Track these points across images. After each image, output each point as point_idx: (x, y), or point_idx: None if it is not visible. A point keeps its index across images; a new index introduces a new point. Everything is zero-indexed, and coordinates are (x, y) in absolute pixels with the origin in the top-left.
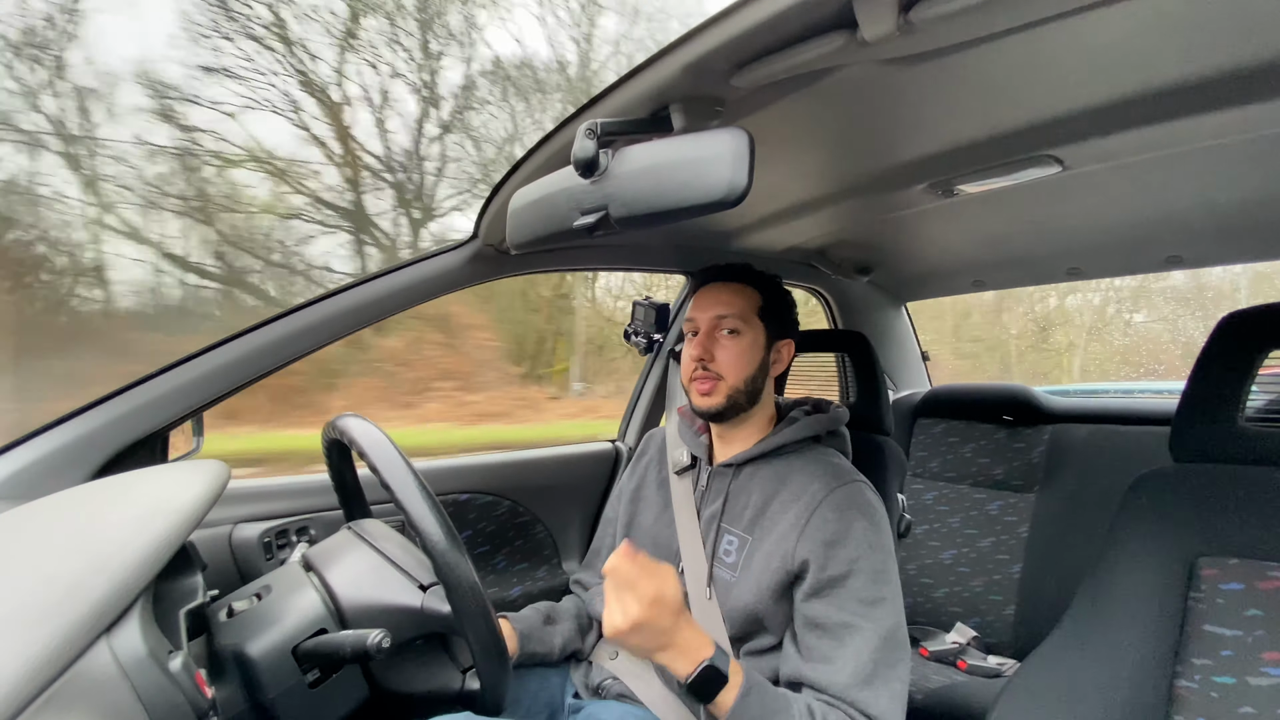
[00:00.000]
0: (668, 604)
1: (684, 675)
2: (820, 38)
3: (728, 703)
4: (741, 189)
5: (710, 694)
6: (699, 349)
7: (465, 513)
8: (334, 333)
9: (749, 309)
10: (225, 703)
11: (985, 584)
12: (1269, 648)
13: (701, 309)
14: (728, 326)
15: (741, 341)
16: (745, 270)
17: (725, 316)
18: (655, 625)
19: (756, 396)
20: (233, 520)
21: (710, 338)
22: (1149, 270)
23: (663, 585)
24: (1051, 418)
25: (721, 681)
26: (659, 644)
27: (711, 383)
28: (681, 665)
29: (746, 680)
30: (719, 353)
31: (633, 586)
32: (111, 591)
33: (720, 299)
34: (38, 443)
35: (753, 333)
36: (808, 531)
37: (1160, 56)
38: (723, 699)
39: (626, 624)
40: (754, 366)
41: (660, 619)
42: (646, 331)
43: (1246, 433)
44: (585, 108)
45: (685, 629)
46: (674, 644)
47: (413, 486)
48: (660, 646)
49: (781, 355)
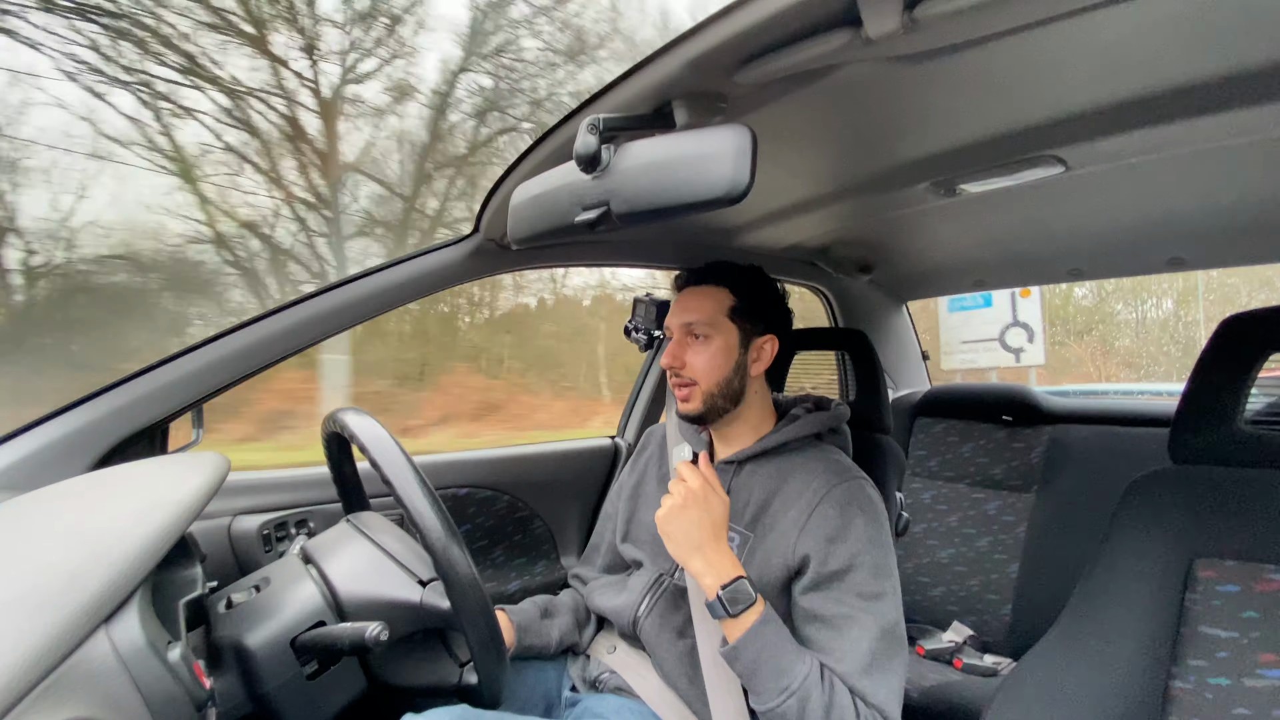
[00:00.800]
0: (717, 507)
1: (715, 585)
2: (824, 35)
3: (745, 625)
4: (743, 186)
5: (734, 610)
6: (669, 357)
7: (464, 507)
8: (335, 326)
9: (717, 311)
10: (223, 693)
11: (982, 583)
12: (1265, 649)
13: (674, 315)
14: (696, 331)
15: (711, 345)
16: (716, 271)
17: (693, 322)
18: (703, 515)
19: (738, 397)
20: (232, 512)
21: (680, 344)
22: (1151, 271)
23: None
24: (1051, 418)
25: (749, 600)
26: (699, 539)
27: (687, 388)
28: (712, 576)
29: (767, 611)
30: (689, 358)
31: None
32: (111, 582)
33: (688, 305)
34: (38, 433)
35: (723, 335)
36: (808, 527)
37: (1164, 57)
38: (742, 620)
39: (681, 497)
40: (727, 369)
41: (710, 511)
42: (647, 327)
43: (1245, 435)
44: (588, 103)
45: (723, 545)
46: (712, 548)
47: (413, 482)
48: (698, 544)
49: (763, 352)
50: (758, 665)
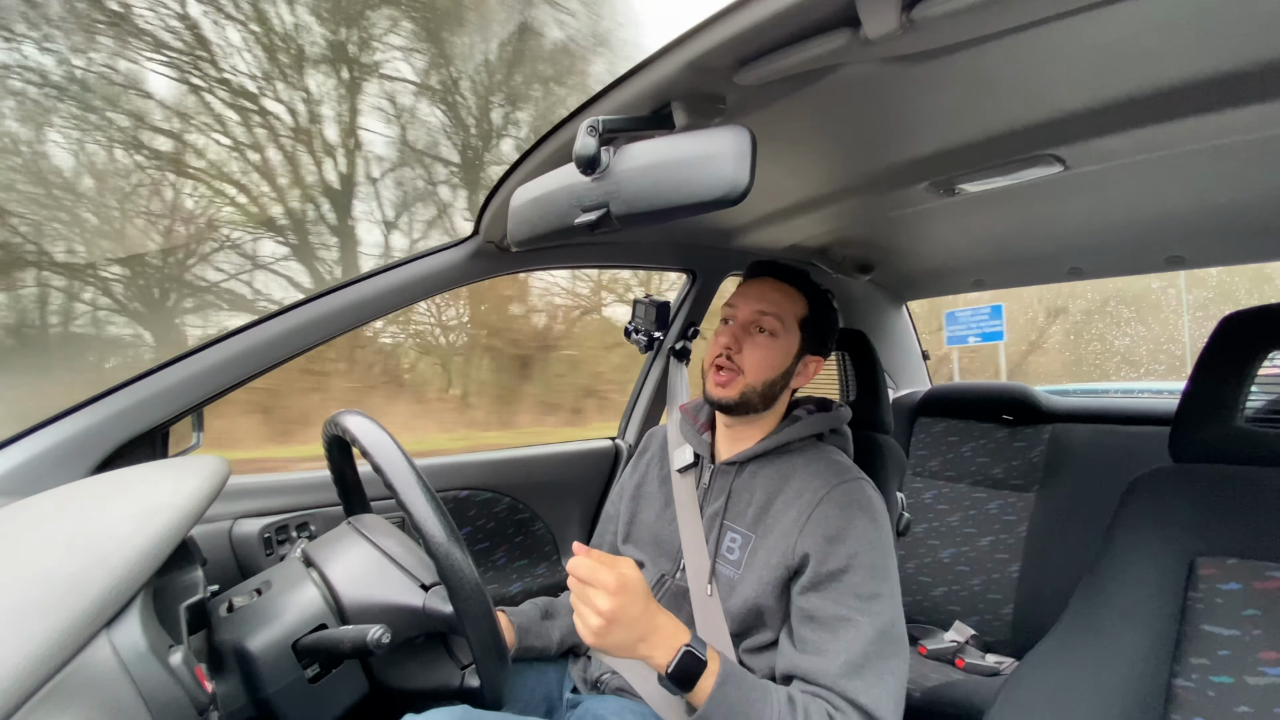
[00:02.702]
0: (632, 589)
1: (664, 664)
2: (823, 36)
3: (706, 690)
4: (743, 187)
5: (690, 681)
6: (730, 338)
7: (465, 509)
8: (334, 329)
9: (791, 314)
10: (225, 697)
11: (984, 583)
12: (1266, 647)
13: (745, 299)
14: (765, 325)
15: (774, 344)
16: (800, 275)
17: (766, 314)
18: (627, 614)
19: (771, 401)
20: (233, 515)
21: (744, 330)
22: (1150, 270)
23: (624, 573)
24: (1051, 417)
25: (700, 667)
26: (637, 634)
27: (731, 375)
28: (660, 654)
29: (724, 668)
30: (748, 347)
31: (595, 580)
32: (112, 586)
33: (766, 295)
34: (38, 438)
35: (788, 338)
36: (808, 527)
37: (1162, 56)
38: (701, 686)
39: (599, 620)
40: (778, 372)
41: (630, 606)
42: (647, 329)
43: (1246, 433)
44: (587, 105)
45: (658, 615)
46: (651, 632)
47: (415, 485)
48: (639, 637)
49: (808, 369)
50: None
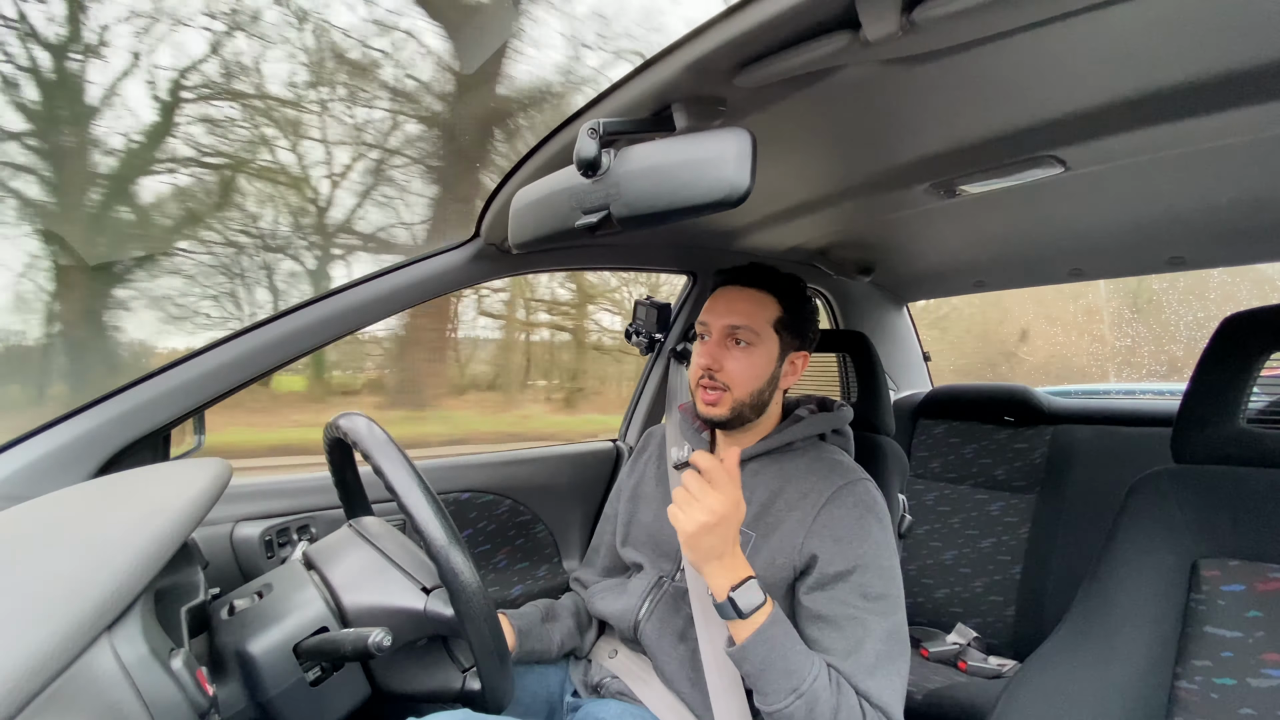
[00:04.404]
0: (741, 512)
1: (729, 585)
2: (823, 38)
3: (755, 624)
4: (744, 189)
5: (745, 611)
6: (708, 357)
7: (466, 511)
8: (335, 331)
9: (764, 320)
10: (226, 701)
11: (986, 585)
12: (1269, 649)
13: (715, 314)
14: (740, 337)
15: (753, 354)
16: (766, 275)
17: (739, 328)
18: (727, 528)
19: (763, 408)
20: (234, 518)
21: (721, 347)
22: (1151, 271)
23: (741, 497)
24: (1053, 419)
25: (759, 602)
26: (722, 548)
27: (717, 393)
28: (726, 577)
29: (776, 612)
30: (728, 364)
31: (722, 486)
32: (113, 589)
33: (736, 307)
34: (39, 441)
35: (765, 345)
36: (815, 528)
37: (1163, 57)
38: (752, 620)
39: (706, 518)
40: (763, 380)
41: (732, 524)
42: (648, 331)
43: (1248, 434)
44: (588, 107)
45: (738, 548)
46: (730, 554)
47: (416, 488)
48: (720, 553)
49: (795, 367)
50: (766, 666)
